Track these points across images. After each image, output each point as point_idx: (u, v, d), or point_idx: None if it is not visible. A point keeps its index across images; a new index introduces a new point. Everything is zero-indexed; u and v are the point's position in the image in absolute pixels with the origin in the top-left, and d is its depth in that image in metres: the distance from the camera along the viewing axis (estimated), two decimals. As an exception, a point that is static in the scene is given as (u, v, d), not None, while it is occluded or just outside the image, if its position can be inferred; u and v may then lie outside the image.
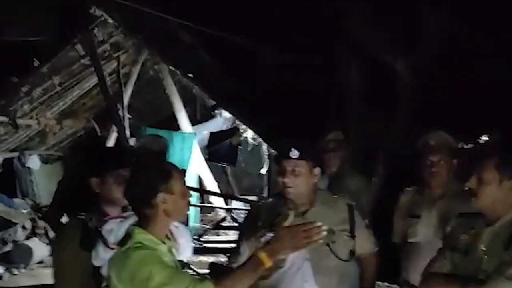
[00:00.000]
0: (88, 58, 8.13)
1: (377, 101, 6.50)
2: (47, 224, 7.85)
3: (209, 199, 9.29)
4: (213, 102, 8.95)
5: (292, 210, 3.14)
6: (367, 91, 6.58)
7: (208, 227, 8.66)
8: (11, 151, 9.43)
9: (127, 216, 2.41)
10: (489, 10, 5.81)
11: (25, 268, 7.75)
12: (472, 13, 5.93)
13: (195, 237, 7.69)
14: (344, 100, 6.72)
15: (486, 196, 2.62)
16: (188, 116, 9.29)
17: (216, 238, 8.64)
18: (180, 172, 2.39)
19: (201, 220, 8.90)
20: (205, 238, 8.05)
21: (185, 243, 2.55)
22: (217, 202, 9.43)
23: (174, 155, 5.81)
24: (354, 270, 3.25)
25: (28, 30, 7.84)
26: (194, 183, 8.63)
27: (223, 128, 10.09)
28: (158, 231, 2.32)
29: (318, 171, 3.10)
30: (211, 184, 9.42)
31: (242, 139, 9.55)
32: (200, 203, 9.52)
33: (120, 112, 8.68)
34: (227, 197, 9.82)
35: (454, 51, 6.05)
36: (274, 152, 8.51)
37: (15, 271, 7.65)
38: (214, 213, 9.45)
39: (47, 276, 7.43)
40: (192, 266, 6.37)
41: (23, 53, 7.97)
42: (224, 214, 8.92)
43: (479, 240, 2.65)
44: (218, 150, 9.91)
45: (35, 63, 8.07)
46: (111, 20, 7.81)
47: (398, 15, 6.11)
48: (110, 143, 9.39)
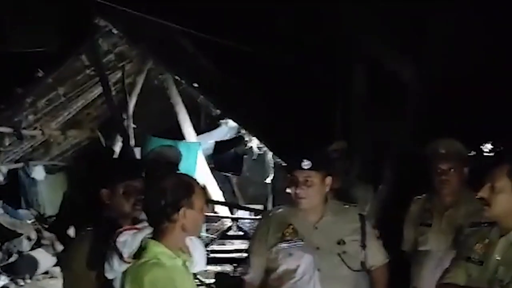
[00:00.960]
0: (92, 68, 8.14)
1: (383, 108, 6.49)
2: (53, 235, 7.82)
3: (214, 208, 9.26)
4: (218, 112, 8.94)
5: (303, 221, 3.13)
6: (373, 99, 6.57)
7: (214, 236, 8.63)
8: (16, 162, 9.42)
9: (142, 228, 2.39)
10: (496, 17, 5.80)
11: (30, 278, 7.72)
12: (480, 20, 5.92)
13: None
14: (350, 109, 6.71)
15: (499, 205, 2.59)
16: (193, 125, 9.28)
17: (222, 247, 8.60)
18: (201, 186, 2.37)
19: (206, 230, 8.87)
20: (211, 247, 8.01)
21: (199, 256, 2.53)
22: (222, 211, 9.40)
23: (180, 164, 5.76)
24: (365, 281, 3.24)
25: (32, 41, 7.85)
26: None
27: (228, 137, 10.08)
28: (174, 244, 2.30)
29: (329, 180, 3.10)
30: (216, 193, 9.39)
31: (247, 148, 9.53)
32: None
33: (125, 122, 8.69)
34: (233, 206, 9.79)
35: (462, 59, 6.04)
36: (280, 161, 8.50)
37: (21, 282, 7.62)
38: (219, 222, 9.42)
39: (52, 286, 7.45)
40: (199, 276, 6.36)
41: (28, 64, 7.98)
42: (230, 223, 8.88)
43: (494, 249, 2.62)
44: (223, 159, 9.89)
45: (40, 74, 8.07)
46: (115, 31, 7.83)
47: (405, 22, 6.11)
48: (115, 153, 9.40)
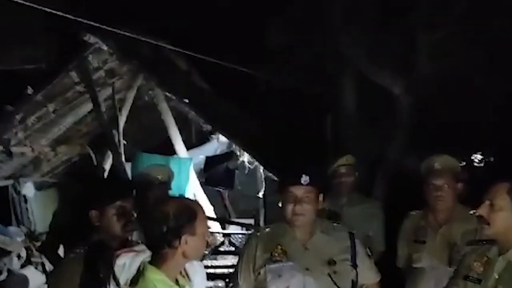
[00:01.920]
0: (82, 85, 8.11)
1: (374, 123, 6.52)
2: (43, 255, 7.75)
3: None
4: (208, 127, 8.92)
5: (292, 241, 3.08)
6: (365, 114, 6.60)
7: (206, 252, 8.58)
8: (6, 178, 9.35)
9: (140, 251, 2.33)
10: (486, 30, 5.86)
11: (21, 297, 7.63)
12: (468, 34, 5.98)
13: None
14: (341, 124, 6.74)
15: (499, 223, 2.59)
16: (183, 140, 9.25)
17: (214, 263, 8.54)
18: (204, 211, 2.32)
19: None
20: (203, 263, 7.96)
21: (199, 280, 2.48)
22: (214, 226, 9.36)
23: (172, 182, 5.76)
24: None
25: (22, 58, 7.82)
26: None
27: (218, 152, 10.05)
28: (173, 270, 2.25)
29: (321, 197, 3.06)
30: (208, 208, 9.35)
31: (239, 162, 9.49)
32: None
33: (116, 138, 8.64)
34: (225, 221, 9.75)
35: (451, 73, 6.09)
36: (271, 175, 8.48)
37: (11, 301, 7.53)
38: (211, 238, 9.37)
39: (42, 304, 7.34)
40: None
41: (17, 81, 7.95)
42: (222, 238, 8.83)
43: (492, 268, 2.62)
44: (214, 174, 9.84)
45: (29, 91, 8.03)
46: (105, 47, 7.81)
47: (396, 38, 6.16)
48: (106, 169, 9.35)
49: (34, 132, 8.59)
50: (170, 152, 9.09)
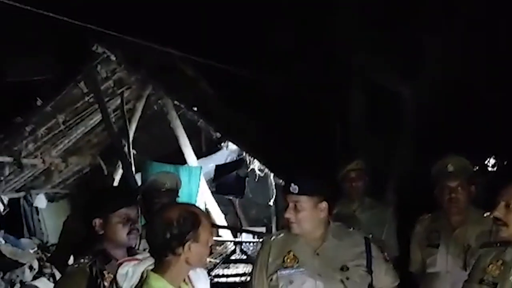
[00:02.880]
0: (91, 95, 8.12)
1: (382, 129, 6.47)
2: (53, 265, 7.75)
3: (217, 232, 9.17)
4: (218, 135, 8.90)
5: (303, 247, 3.05)
6: (372, 120, 6.56)
7: (218, 261, 8.52)
8: (17, 191, 9.37)
9: (143, 259, 2.30)
10: (490, 34, 5.82)
11: (33, 309, 7.61)
12: (474, 37, 5.93)
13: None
14: (349, 130, 6.70)
15: None
16: (193, 149, 9.23)
17: (226, 272, 8.49)
18: (208, 217, 2.28)
19: (210, 254, 8.77)
20: (215, 272, 7.90)
21: (202, 287, 2.44)
22: (225, 235, 9.31)
23: (181, 189, 5.72)
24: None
25: (30, 70, 7.86)
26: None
27: (229, 160, 10.02)
28: (176, 278, 2.21)
29: (324, 205, 2.99)
30: (218, 217, 9.31)
31: (249, 170, 9.45)
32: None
33: (125, 148, 8.64)
34: (236, 230, 9.70)
35: (457, 76, 6.04)
36: (282, 183, 8.44)
37: (24, 313, 7.52)
38: (223, 246, 9.32)
39: (55, 317, 7.33)
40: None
41: (26, 93, 7.98)
42: (233, 247, 8.77)
43: (508, 271, 2.55)
44: (225, 182, 9.81)
45: (39, 102, 8.06)
46: (113, 57, 7.82)
47: (401, 42, 6.13)
48: (116, 179, 9.34)
49: (44, 144, 8.61)
50: (180, 161, 9.08)
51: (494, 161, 6.85)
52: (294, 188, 2.93)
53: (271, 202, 9.98)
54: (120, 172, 9.26)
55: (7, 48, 7.38)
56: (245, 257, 8.35)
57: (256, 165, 9.27)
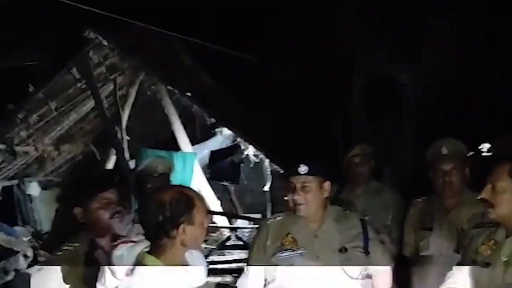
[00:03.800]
0: (84, 81, 8.05)
1: (382, 116, 6.45)
2: (46, 253, 7.73)
3: (212, 218, 9.16)
4: (213, 121, 8.86)
5: (302, 229, 3.04)
6: (371, 106, 6.54)
7: (213, 247, 8.52)
8: (10, 178, 9.32)
9: (138, 241, 2.25)
10: (490, 23, 5.78)
11: (28, 297, 7.59)
12: (474, 25, 5.90)
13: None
14: (350, 116, 6.67)
15: (503, 205, 2.52)
16: (188, 135, 9.19)
17: (222, 258, 8.49)
18: (202, 199, 2.22)
19: (205, 241, 8.76)
20: (210, 258, 7.89)
21: (199, 270, 2.41)
22: (221, 221, 9.31)
23: (176, 176, 5.71)
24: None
25: (22, 56, 7.78)
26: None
27: (223, 146, 9.99)
28: (172, 260, 2.16)
29: (328, 185, 3.01)
30: (214, 203, 9.30)
31: (244, 156, 9.42)
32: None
33: (119, 135, 8.59)
34: (231, 216, 9.69)
35: (456, 62, 6.02)
36: (278, 168, 8.41)
37: (18, 301, 7.49)
38: (218, 232, 9.32)
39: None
40: (198, 289, 6.25)
41: (18, 79, 7.91)
42: (229, 233, 8.77)
43: (500, 251, 2.55)
44: (220, 169, 9.78)
45: (31, 89, 7.99)
46: (106, 42, 7.75)
47: (400, 29, 6.09)
48: (109, 166, 9.29)
49: (36, 131, 8.56)
50: (175, 147, 9.04)
51: (489, 146, 6.83)
52: (303, 169, 2.94)
53: (266, 188, 9.97)
54: (113, 159, 9.21)
55: (-1, 34, 7.29)
56: (240, 243, 8.35)
57: (251, 151, 9.24)
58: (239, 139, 9.19)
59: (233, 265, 8.04)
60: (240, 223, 9.47)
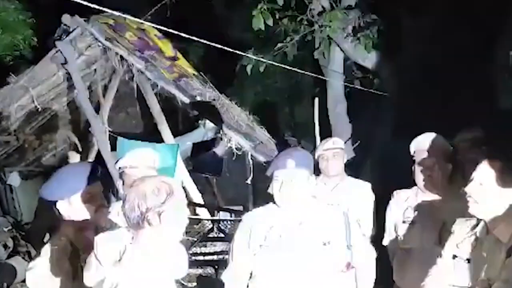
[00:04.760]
0: (66, 70, 7.96)
1: (362, 108, 6.49)
2: (29, 243, 7.67)
3: (195, 210, 9.14)
4: (196, 113, 8.82)
5: (286, 222, 3.07)
6: (352, 99, 6.57)
7: (195, 239, 8.52)
8: (-10, 168, 9.23)
9: (121, 234, 2.29)
10: (468, 15, 5.83)
11: (8, 287, 7.55)
12: (453, 19, 5.94)
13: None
14: (329, 108, 6.70)
15: (486, 202, 2.55)
16: (170, 127, 9.15)
17: (204, 250, 8.50)
18: (181, 188, 2.30)
19: (187, 233, 8.75)
20: (192, 250, 7.89)
21: (181, 260, 2.45)
22: (203, 213, 9.29)
23: (158, 168, 5.70)
24: (351, 280, 3.19)
25: (3, 45, 7.68)
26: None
27: (206, 138, 9.96)
28: (154, 250, 2.23)
29: (313, 179, 3.05)
30: (196, 196, 9.28)
31: (227, 148, 9.41)
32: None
33: (100, 125, 8.52)
34: (213, 208, 9.69)
35: (435, 56, 6.06)
36: (260, 161, 8.42)
37: (-1, 291, 7.45)
38: (200, 225, 9.32)
39: (30, 295, 7.28)
40: (181, 280, 6.25)
41: (-1, 67, 7.82)
42: (211, 225, 8.77)
43: (480, 246, 2.58)
44: (202, 161, 9.76)
45: (12, 77, 7.90)
46: (89, 32, 7.68)
47: (383, 23, 6.12)
48: (91, 157, 9.23)
49: (17, 120, 8.44)
50: (157, 139, 8.99)
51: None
52: (290, 163, 2.95)
53: (249, 181, 9.98)
54: (95, 150, 9.14)
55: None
56: (222, 235, 8.36)
57: (233, 143, 9.23)
58: (222, 132, 9.17)
59: (215, 257, 8.05)
60: (222, 216, 9.46)
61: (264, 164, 8.31)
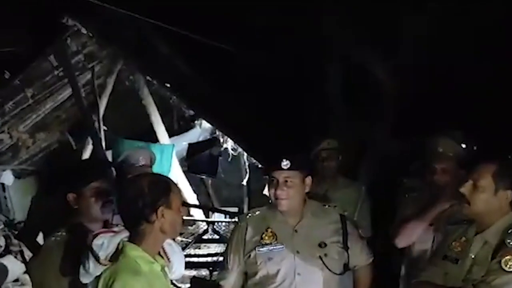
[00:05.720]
0: (61, 69, 7.93)
1: (360, 108, 6.45)
2: (21, 242, 7.61)
3: (189, 211, 9.12)
4: (191, 112, 8.80)
5: (282, 224, 3.04)
6: (349, 99, 6.52)
7: (189, 240, 8.49)
8: (-17, 167, 9.18)
9: (119, 231, 2.29)
10: (469, 13, 5.80)
11: (0, 286, 7.48)
12: (452, 17, 5.92)
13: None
14: (327, 109, 6.64)
15: (479, 204, 2.58)
16: (166, 127, 9.13)
17: (198, 251, 8.48)
18: (177, 184, 2.30)
19: (181, 234, 8.72)
20: (186, 251, 7.86)
21: (177, 261, 2.43)
22: (197, 214, 9.27)
23: (153, 167, 5.66)
24: (348, 283, 3.17)
25: (-1, 41, 7.62)
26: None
27: (201, 138, 9.95)
28: (152, 248, 2.23)
29: (309, 180, 3.03)
30: (190, 196, 9.26)
31: (222, 149, 9.40)
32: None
33: (96, 124, 8.50)
34: (208, 209, 9.67)
35: (435, 55, 6.03)
36: (255, 162, 8.39)
37: (-10, 291, 7.37)
38: (195, 226, 9.30)
39: (22, 295, 7.21)
40: (174, 281, 6.20)
41: (-6, 65, 7.75)
42: (205, 226, 8.74)
43: (469, 248, 2.62)
44: (197, 161, 9.75)
45: (6, 75, 7.85)
46: (84, 30, 7.65)
47: (378, 20, 6.08)
48: (85, 155, 9.19)
49: (11, 118, 8.40)
50: (152, 139, 8.97)
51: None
52: (286, 164, 2.93)
53: (244, 182, 9.97)
54: (89, 148, 9.11)
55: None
56: (217, 237, 8.33)
57: (229, 144, 9.22)
58: (217, 132, 9.16)
59: (209, 258, 8.03)
60: (217, 217, 9.45)
61: (259, 165, 8.29)
